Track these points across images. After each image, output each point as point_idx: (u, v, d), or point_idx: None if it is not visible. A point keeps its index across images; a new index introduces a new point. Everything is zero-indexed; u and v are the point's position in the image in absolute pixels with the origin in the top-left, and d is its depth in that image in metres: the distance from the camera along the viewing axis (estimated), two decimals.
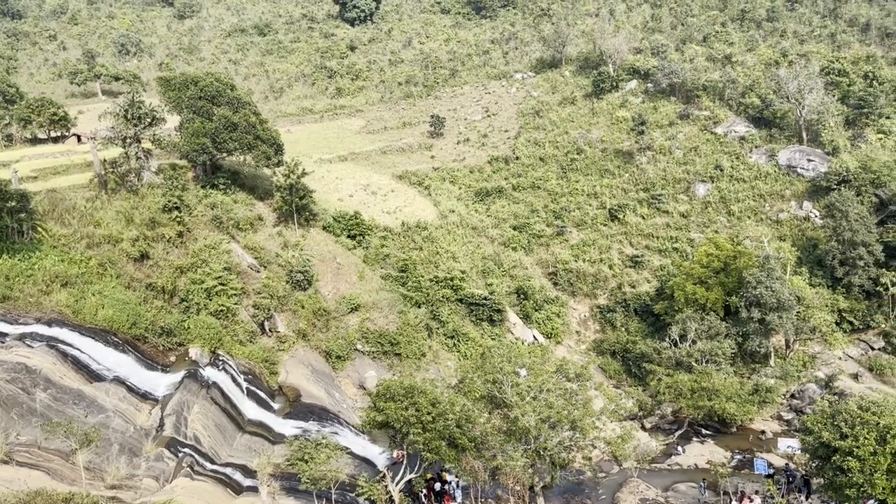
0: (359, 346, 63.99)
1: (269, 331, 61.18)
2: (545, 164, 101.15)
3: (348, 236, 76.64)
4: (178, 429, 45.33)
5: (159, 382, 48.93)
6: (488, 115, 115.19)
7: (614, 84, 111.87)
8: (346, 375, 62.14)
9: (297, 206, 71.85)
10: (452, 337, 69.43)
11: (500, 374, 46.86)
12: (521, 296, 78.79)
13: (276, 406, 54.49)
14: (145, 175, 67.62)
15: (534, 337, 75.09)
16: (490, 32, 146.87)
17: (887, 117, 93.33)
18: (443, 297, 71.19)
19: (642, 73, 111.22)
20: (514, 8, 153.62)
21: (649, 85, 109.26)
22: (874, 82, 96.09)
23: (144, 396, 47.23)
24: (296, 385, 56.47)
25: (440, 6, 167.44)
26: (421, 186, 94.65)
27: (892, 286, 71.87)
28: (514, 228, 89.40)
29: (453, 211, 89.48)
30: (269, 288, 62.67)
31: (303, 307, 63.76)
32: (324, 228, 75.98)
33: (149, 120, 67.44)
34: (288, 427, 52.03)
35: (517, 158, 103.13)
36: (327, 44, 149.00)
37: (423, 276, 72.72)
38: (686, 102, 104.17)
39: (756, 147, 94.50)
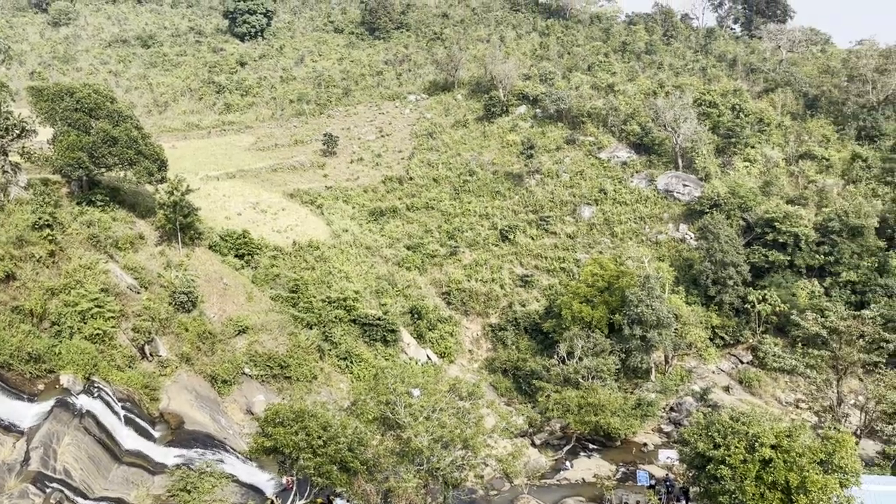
0: (246, 370, 62.00)
1: (150, 355, 58.24)
2: (439, 184, 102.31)
3: (236, 256, 74.39)
4: (45, 462, 42.19)
5: (25, 413, 45.44)
6: (382, 136, 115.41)
7: (505, 108, 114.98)
8: (233, 400, 60.01)
9: (181, 225, 69.13)
10: (345, 358, 68.53)
11: (393, 395, 46.63)
12: (415, 315, 78.92)
13: (156, 434, 51.81)
14: (12, 190, 63.14)
15: (427, 356, 75.30)
16: (384, 53, 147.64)
17: (752, 147, 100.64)
18: (335, 317, 70.23)
19: (531, 98, 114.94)
20: (407, 30, 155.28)
21: (538, 110, 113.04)
22: (741, 114, 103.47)
23: (8, 429, 43.71)
24: (178, 412, 53.95)
25: (333, 25, 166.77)
26: (313, 205, 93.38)
27: (758, 304, 77.11)
28: (408, 248, 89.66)
29: (347, 230, 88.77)
30: (150, 310, 59.77)
31: (186, 330, 61.15)
32: (210, 248, 73.41)
33: (17, 131, 63.21)
34: (170, 456, 49.61)
35: (411, 179, 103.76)
36: (216, 58, 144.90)
37: (315, 297, 71.51)
38: (573, 128, 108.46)
39: (637, 172, 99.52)
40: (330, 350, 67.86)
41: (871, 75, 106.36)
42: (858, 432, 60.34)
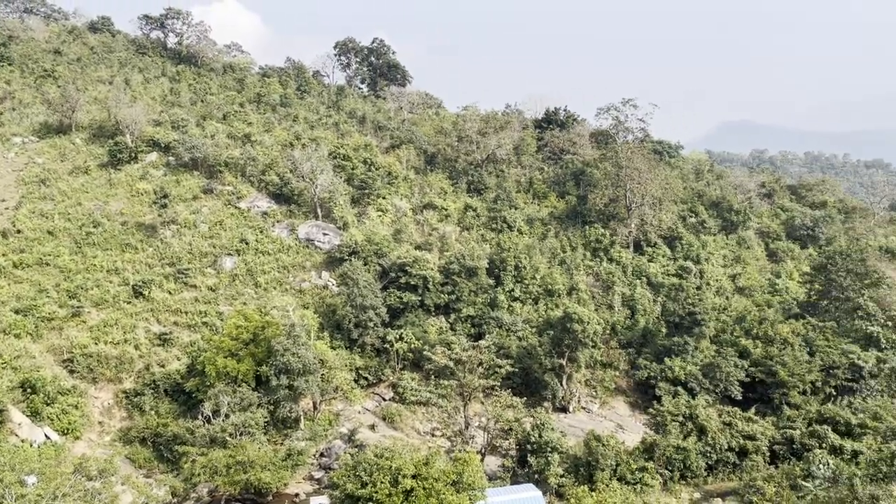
0: None
1: None
2: (55, 237, 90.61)
3: None
4: None
5: None
6: None
7: (133, 155, 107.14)
8: None
9: None
10: None
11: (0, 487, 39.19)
12: (28, 390, 67.92)
13: None
14: None
15: (46, 436, 65.10)
16: None
17: (383, 197, 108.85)
18: None
19: (163, 145, 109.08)
20: (9, 64, 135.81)
21: (171, 158, 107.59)
22: (372, 167, 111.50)
23: None
24: None
25: None
26: None
27: (396, 342, 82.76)
28: (17, 312, 77.40)
29: None
30: None
31: None
32: None
33: None
34: None
35: (18, 232, 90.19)
36: None
37: None
38: (210, 177, 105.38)
39: (278, 221, 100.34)
40: None
41: (475, 137, 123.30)
42: (483, 450, 67.92)
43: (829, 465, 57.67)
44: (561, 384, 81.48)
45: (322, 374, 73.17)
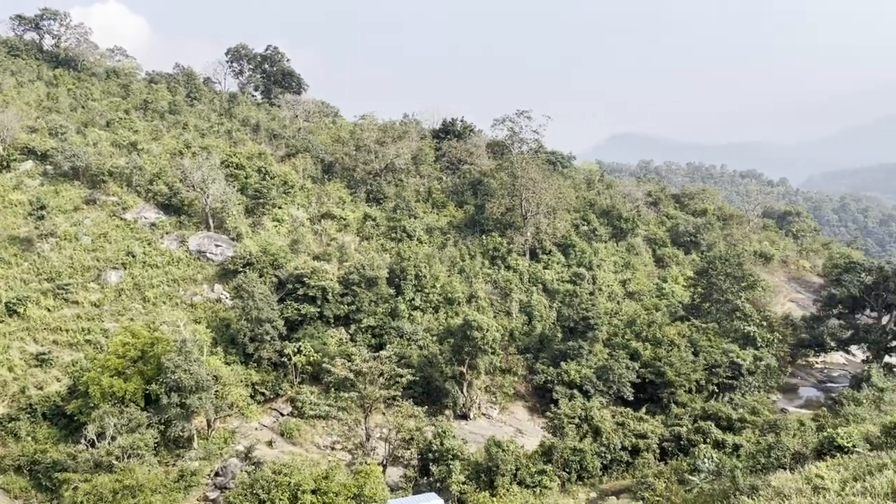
0: None
1: None
2: None
3: None
4: None
5: None
6: None
7: (5, 164, 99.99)
8: None
9: None
10: None
11: None
12: None
13: None
14: None
15: None
16: None
17: (279, 207, 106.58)
18: None
19: (39, 153, 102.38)
20: None
21: (49, 167, 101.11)
22: (267, 176, 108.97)
23: None
24: None
25: None
26: None
27: (294, 356, 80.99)
28: None
29: None
30: None
31: None
32: None
33: None
34: None
35: None
36: None
37: None
38: (92, 187, 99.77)
39: (167, 233, 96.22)
40: None
41: (373, 146, 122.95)
42: (384, 462, 67.45)
43: (712, 458, 60.83)
44: (462, 391, 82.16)
45: (216, 391, 70.57)
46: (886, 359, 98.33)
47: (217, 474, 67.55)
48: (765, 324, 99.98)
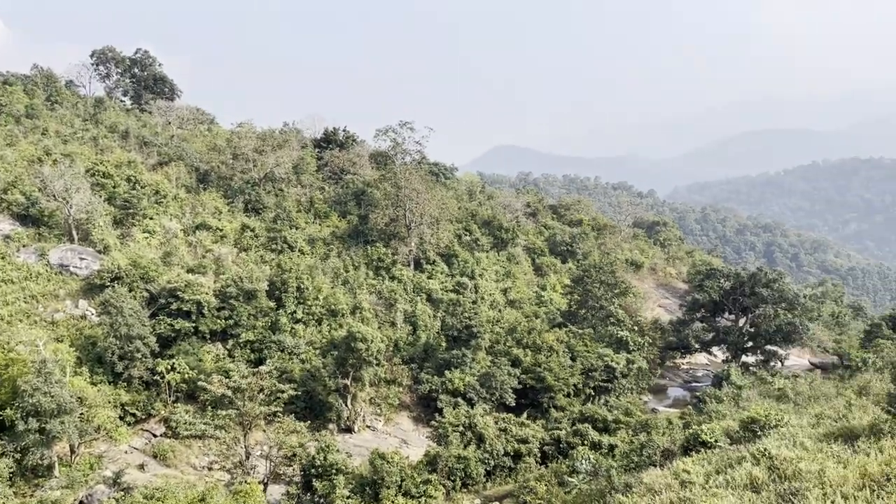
0: None
1: None
2: None
3: None
4: None
5: None
6: None
7: None
8: None
9: None
10: None
11: None
12: None
13: None
14: None
15: None
16: None
17: (151, 218, 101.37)
18: None
19: None
20: None
21: None
22: (137, 185, 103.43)
23: None
24: None
25: None
26: None
27: (168, 373, 77.07)
28: None
29: None
30: None
31: None
32: None
33: None
34: None
35: None
36: None
37: None
38: None
39: (24, 246, 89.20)
40: None
41: (251, 155, 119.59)
42: (265, 480, 65.37)
43: (589, 459, 63.08)
44: (346, 404, 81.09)
45: (81, 414, 65.87)
46: (744, 358, 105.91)
47: (82, 503, 63.08)
48: (636, 328, 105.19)
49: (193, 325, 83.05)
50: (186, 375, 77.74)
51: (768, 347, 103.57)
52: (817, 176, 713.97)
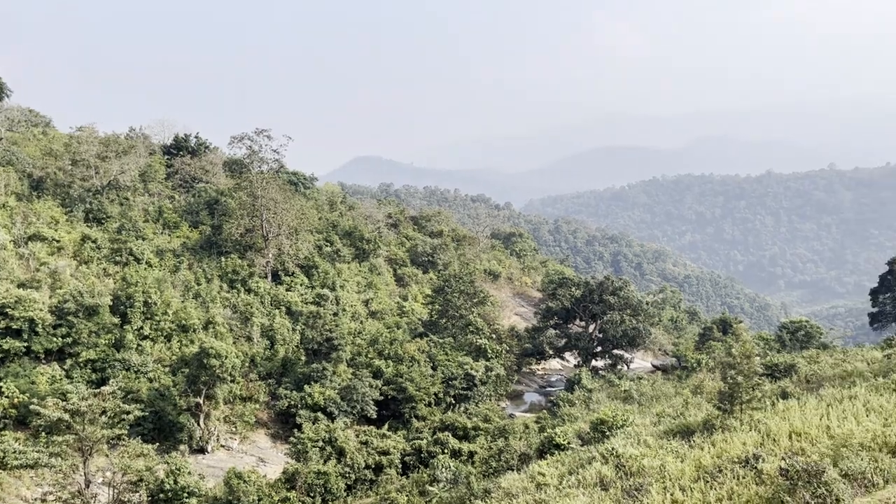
0: None
1: None
2: None
3: None
4: None
5: None
6: None
7: None
8: None
9: None
10: None
11: None
12: None
13: None
14: None
15: None
16: None
17: None
18: None
19: None
20: None
21: None
22: None
23: None
24: None
25: None
26: None
27: None
28: None
29: None
30: None
31: None
32: None
33: None
34: None
35: None
36: None
37: None
38: None
39: None
40: None
41: (93, 161, 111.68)
42: None
43: (450, 467, 63.74)
44: (198, 424, 77.19)
45: None
46: (594, 362, 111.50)
47: None
48: (494, 336, 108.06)
49: (25, 344, 76.09)
50: (16, 400, 70.97)
51: (615, 351, 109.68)
52: (657, 191, 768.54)
